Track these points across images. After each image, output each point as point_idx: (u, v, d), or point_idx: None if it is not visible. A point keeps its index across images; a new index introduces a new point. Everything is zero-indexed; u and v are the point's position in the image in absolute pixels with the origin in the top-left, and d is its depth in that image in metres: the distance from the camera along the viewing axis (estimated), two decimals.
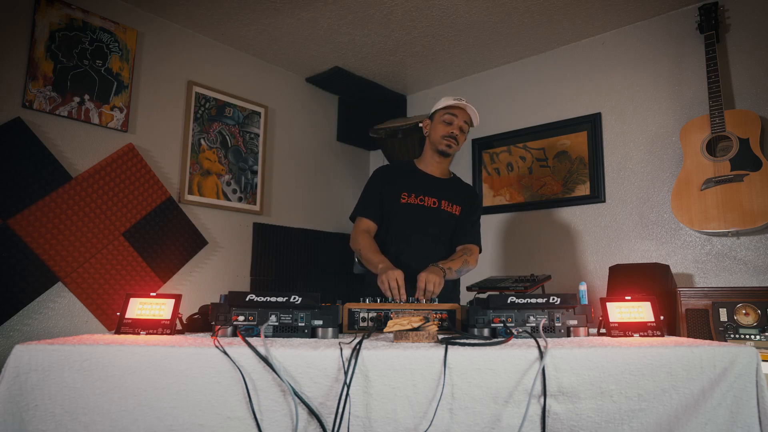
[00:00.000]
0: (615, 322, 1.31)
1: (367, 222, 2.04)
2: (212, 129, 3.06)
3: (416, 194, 2.05)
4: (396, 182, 2.08)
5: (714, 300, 2.06)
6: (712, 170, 2.36)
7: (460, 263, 1.94)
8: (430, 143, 2.11)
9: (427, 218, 2.04)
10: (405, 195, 2.05)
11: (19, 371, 0.98)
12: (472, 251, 2.04)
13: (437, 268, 1.78)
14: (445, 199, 2.08)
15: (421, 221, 2.03)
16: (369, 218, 2.04)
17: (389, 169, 2.15)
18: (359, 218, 2.06)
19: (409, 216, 2.03)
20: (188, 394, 0.99)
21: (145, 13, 2.81)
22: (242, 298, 1.24)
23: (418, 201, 2.05)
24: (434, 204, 2.06)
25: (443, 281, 1.74)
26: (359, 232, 2.01)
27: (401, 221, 2.03)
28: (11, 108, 2.31)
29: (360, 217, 2.06)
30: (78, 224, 2.42)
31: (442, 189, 2.10)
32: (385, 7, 2.76)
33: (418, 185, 2.08)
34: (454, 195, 2.12)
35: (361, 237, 1.99)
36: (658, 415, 1.02)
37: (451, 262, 1.91)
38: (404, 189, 2.06)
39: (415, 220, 2.03)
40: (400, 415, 0.99)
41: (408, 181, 2.08)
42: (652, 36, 2.83)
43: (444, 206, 2.07)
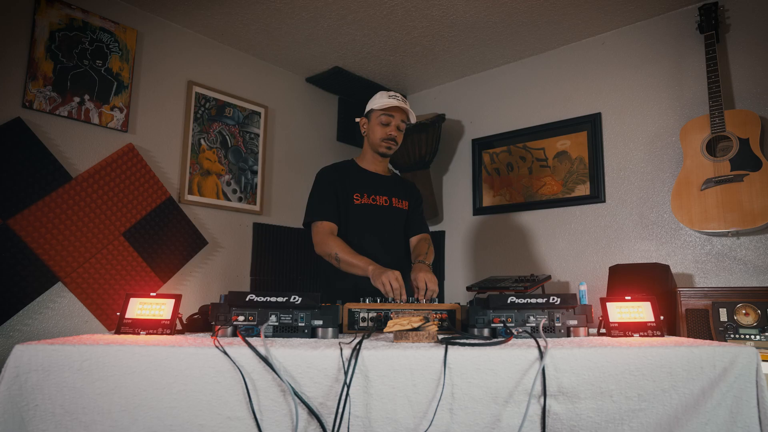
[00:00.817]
0: (615, 322, 1.31)
1: (330, 224, 1.95)
2: (212, 129, 3.06)
3: (368, 194, 2.03)
4: (345, 183, 2.03)
5: (714, 300, 2.06)
6: (712, 170, 2.36)
7: (432, 255, 2.02)
8: (369, 144, 2.08)
9: (382, 217, 2.04)
10: (357, 195, 2.01)
11: (19, 371, 0.98)
12: (429, 240, 2.12)
13: (428, 266, 1.84)
14: (395, 197, 2.09)
15: (376, 220, 2.03)
16: (330, 220, 1.95)
17: (335, 170, 2.08)
18: (319, 222, 1.96)
19: (364, 216, 2.01)
20: (188, 394, 0.99)
21: (145, 13, 2.81)
22: (242, 298, 1.24)
23: (370, 201, 2.03)
24: (386, 202, 2.06)
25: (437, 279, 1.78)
26: (326, 235, 1.92)
27: (357, 222, 1.99)
28: (11, 108, 2.31)
29: (319, 220, 1.96)
30: (78, 224, 2.42)
31: (390, 187, 2.10)
32: (385, 7, 2.76)
33: (368, 185, 2.05)
34: (401, 191, 2.14)
35: (332, 240, 1.90)
36: (658, 415, 1.02)
37: (428, 256, 1.98)
38: (356, 189, 2.02)
39: (370, 220, 2.01)
40: (400, 415, 0.99)
41: (357, 182, 2.04)
42: (652, 36, 2.83)
43: (395, 203, 2.08)
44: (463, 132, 3.62)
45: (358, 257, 1.84)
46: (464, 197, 3.56)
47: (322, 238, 1.93)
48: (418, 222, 2.16)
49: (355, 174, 2.08)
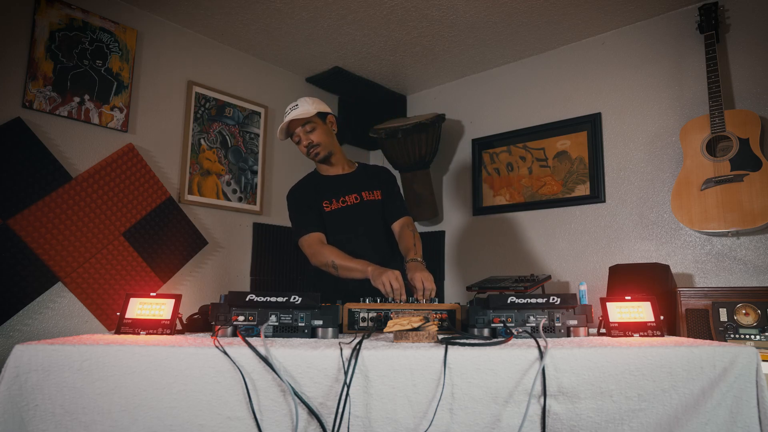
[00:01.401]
0: (615, 322, 1.31)
1: (316, 234, 1.94)
2: (212, 129, 3.06)
3: (336, 198, 2.01)
4: (312, 196, 2.02)
5: (714, 300, 2.06)
6: (712, 170, 2.36)
7: (420, 245, 1.94)
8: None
9: (356, 216, 2.01)
10: (326, 203, 1.99)
11: (19, 371, 0.98)
12: (412, 224, 2.05)
13: (422, 264, 1.80)
14: (364, 190, 2.04)
15: (352, 221, 2.00)
16: (317, 230, 1.94)
17: (301, 187, 2.08)
18: (306, 236, 1.94)
19: (339, 221, 1.99)
20: (188, 394, 0.99)
21: (145, 13, 2.81)
22: (242, 298, 1.24)
23: (341, 204, 2.01)
24: (356, 199, 2.03)
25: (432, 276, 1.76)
26: (319, 246, 1.91)
27: (334, 229, 1.98)
28: (11, 108, 2.31)
29: (308, 233, 1.94)
30: (78, 224, 2.42)
31: (356, 182, 2.06)
32: (385, 7, 2.76)
33: (333, 189, 2.03)
34: (369, 182, 2.08)
35: (326, 250, 1.88)
36: (658, 415, 1.02)
37: (417, 249, 1.90)
38: (323, 198, 2.00)
39: (345, 223, 1.99)
40: (400, 415, 0.99)
41: (323, 190, 2.03)
42: (652, 36, 2.83)
43: (366, 197, 2.04)
44: (463, 132, 3.62)
45: (354, 261, 1.82)
46: (464, 197, 3.56)
47: (315, 249, 1.91)
48: (396, 206, 2.07)
49: (319, 183, 2.06)
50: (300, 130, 1.96)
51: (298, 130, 1.96)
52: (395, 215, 2.06)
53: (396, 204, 2.09)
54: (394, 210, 2.07)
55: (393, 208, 2.07)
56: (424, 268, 1.78)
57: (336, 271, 1.85)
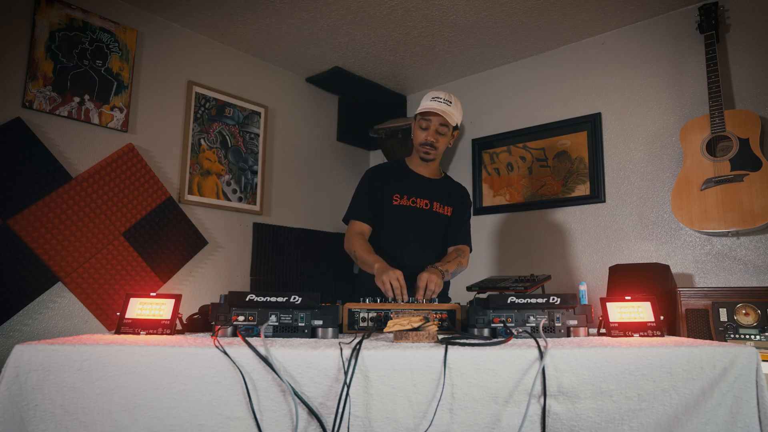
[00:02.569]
0: (615, 322, 1.31)
1: (361, 225, 2.00)
2: (212, 129, 3.06)
3: (408, 195, 2.02)
4: (387, 183, 2.04)
5: (714, 300, 2.06)
6: (712, 170, 2.36)
7: (455, 265, 1.94)
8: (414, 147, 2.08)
9: (420, 220, 2.02)
10: (397, 196, 2.02)
11: (19, 371, 0.98)
12: (464, 252, 2.04)
13: (436, 269, 1.79)
14: (437, 201, 2.06)
15: (414, 223, 2.01)
16: (362, 221, 2.01)
17: (380, 170, 2.12)
18: (352, 221, 2.03)
19: (402, 218, 2.01)
20: (188, 394, 0.99)
21: (145, 13, 2.81)
22: (242, 298, 1.24)
23: (410, 203, 2.02)
24: (426, 205, 2.04)
25: (443, 282, 1.75)
26: (353, 234, 1.98)
27: (393, 223, 2.01)
28: (11, 108, 2.31)
29: (353, 219, 2.03)
30: (78, 224, 2.42)
31: (433, 190, 2.07)
32: (385, 7, 2.76)
33: (410, 186, 2.05)
34: (446, 196, 2.10)
35: (355, 239, 1.95)
36: (658, 415, 1.02)
37: (448, 264, 1.91)
38: (396, 190, 2.02)
39: (407, 222, 2.01)
40: (400, 415, 0.99)
41: (399, 182, 2.05)
42: (652, 36, 2.83)
43: (436, 207, 2.05)
44: (463, 132, 3.62)
45: (370, 255, 1.85)
46: None
47: (350, 236, 1.99)
48: (460, 232, 2.09)
49: (400, 174, 2.09)
50: (435, 123, 1.95)
51: (434, 121, 1.95)
52: (457, 239, 2.07)
53: (461, 230, 2.11)
54: (457, 234, 2.08)
55: (457, 232, 2.08)
56: (436, 272, 1.76)
57: (356, 261, 1.93)
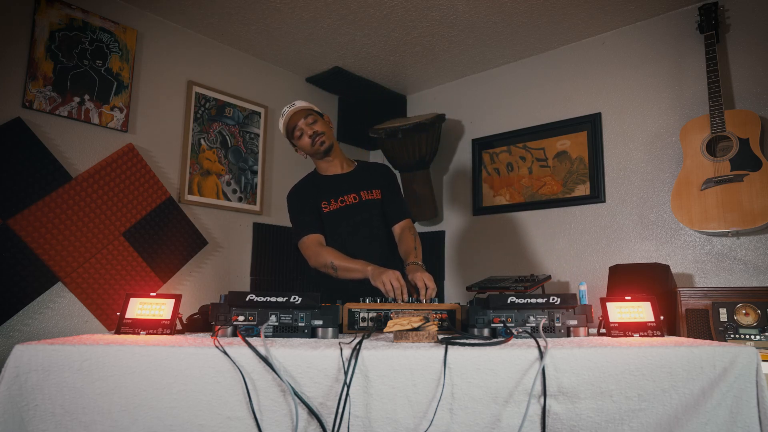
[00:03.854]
0: (615, 322, 1.31)
1: (314, 236, 1.93)
2: (212, 129, 3.06)
3: (335, 198, 2.00)
4: (311, 197, 2.01)
5: (714, 300, 2.06)
6: (712, 170, 2.36)
7: (420, 248, 1.93)
8: (312, 158, 2.07)
9: (355, 216, 1.99)
10: (325, 204, 1.99)
11: (19, 371, 0.98)
12: (412, 227, 2.02)
13: (419, 265, 1.80)
14: (363, 189, 2.03)
15: (351, 221, 1.99)
16: (314, 232, 1.94)
17: (300, 188, 2.08)
18: (305, 237, 1.94)
19: (338, 221, 1.98)
20: (188, 394, 0.99)
21: (145, 13, 2.81)
22: (242, 298, 1.24)
23: (339, 204, 1.99)
24: (355, 199, 2.01)
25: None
26: (315, 247, 1.91)
27: (333, 229, 1.98)
28: (11, 108, 2.31)
29: (305, 236, 1.94)
30: (78, 224, 2.42)
31: (354, 181, 2.04)
32: (385, 7, 2.76)
33: (332, 189, 2.02)
34: (368, 181, 2.06)
35: (322, 250, 1.89)
36: (658, 415, 1.02)
37: (417, 253, 1.89)
38: (322, 198, 2.00)
39: (344, 223, 1.98)
40: (400, 415, 0.99)
41: (321, 191, 2.02)
42: (652, 36, 2.83)
43: (365, 196, 2.02)
44: (463, 132, 3.62)
45: (353, 261, 1.82)
46: (464, 197, 3.56)
47: (313, 251, 1.91)
48: (396, 208, 2.04)
49: (318, 183, 2.05)
50: (302, 123, 1.96)
51: (300, 123, 1.96)
52: (396, 217, 2.03)
53: (396, 205, 2.06)
54: (394, 211, 2.04)
55: (393, 209, 2.05)
56: (424, 269, 1.78)
57: (335, 273, 1.85)
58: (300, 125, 1.97)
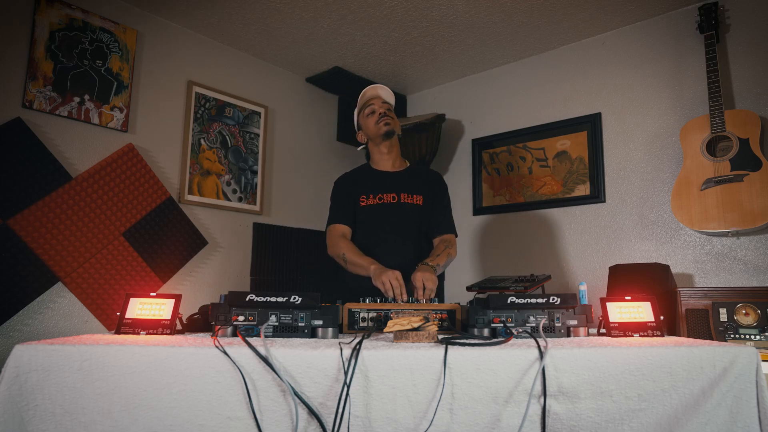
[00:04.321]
0: (615, 322, 1.31)
1: (341, 227, 2.01)
2: (212, 129, 3.06)
3: (374, 194, 2.03)
4: (354, 187, 2.06)
5: (714, 300, 2.06)
6: (712, 170, 2.36)
7: (444, 257, 1.93)
8: (372, 139, 2.10)
9: (390, 215, 2.02)
10: (363, 198, 2.03)
11: (19, 371, 0.98)
12: (451, 242, 2.03)
13: (428, 266, 1.80)
14: (404, 192, 2.04)
15: (385, 219, 2.01)
16: (341, 223, 2.01)
17: (346, 177, 2.14)
18: (331, 226, 2.03)
19: (372, 217, 2.01)
20: (188, 394, 0.99)
21: (145, 13, 2.81)
22: (242, 298, 1.24)
23: (377, 200, 2.03)
24: (394, 199, 2.03)
25: (436, 278, 1.76)
26: (336, 238, 1.98)
27: (366, 223, 2.02)
28: (11, 108, 2.31)
29: (333, 224, 2.03)
30: (78, 224, 2.42)
31: (398, 182, 2.07)
32: (385, 7, 2.76)
33: (374, 185, 2.06)
34: (413, 185, 2.07)
35: (341, 242, 1.95)
36: (658, 415, 1.02)
37: (438, 258, 1.90)
38: (362, 192, 2.04)
39: (378, 219, 2.01)
40: (400, 415, 0.99)
41: (364, 184, 2.06)
42: (652, 36, 2.83)
43: (404, 199, 2.03)
44: (463, 132, 3.62)
45: (362, 257, 1.85)
46: (464, 197, 3.56)
47: (333, 241, 1.99)
48: (441, 220, 2.06)
49: (365, 176, 2.10)
50: (378, 101, 2.07)
51: (377, 101, 2.07)
52: (439, 230, 2.05)
53: (441, 217, 2.07)
54: (438, 223, 2.05)
55: (438, 221, 2.06)
56: (429, 270, 1.77)
57: (345, 265, 1.92)
58: (376, 102, 2.07)
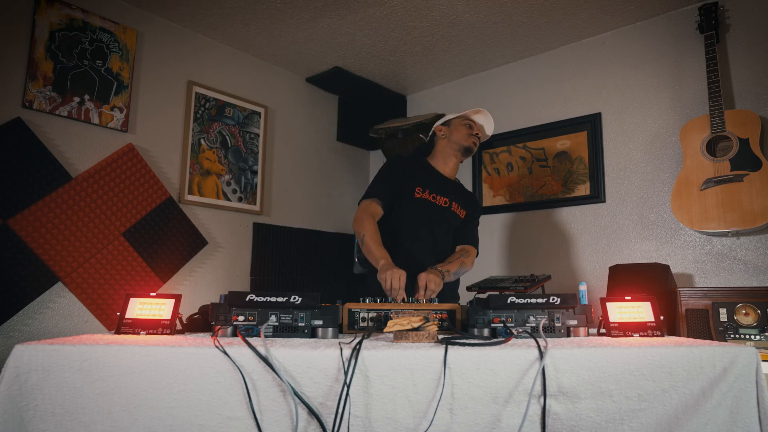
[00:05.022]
0: (615, 322, 1.31)
1: (375, 206, 1.98)
2: (212, 129, 3.06)
3: (429, 191, 2.06)
4: (412, 174, 2.07)
5: (714, 300, 2.06)
6: (712, 170, 2.36)
7: (457, 265, 1.96)
8: (451, 143, 2.13)
9: (438, 216, 2.06)
10: (419, 189, 2.05)
11: (19, 371, 0.98)
12: (469, 253, 2.08)
13: (436, 270, 1.82)
14: (455, 201, 2.11)
15: (433, 218, 2.05)
16: (379, 202, 1.99)
17: (406, 160, 2.14)
18: (368, 200, 1.99)
19: (422, 211, 2.03)
20: (188, 394, 0.99)
21: (145, 13, 2.81)
22: (242, 298, 1.24)
23: (430, 198, 2.05)
24: (445, 203, 2.08)
25: (442, 283, 1.76)
26: (366, 215, 1.94)
27: (414, 215, 2.03)
28: (11, 108, 2.31)
29: (369, 199, 1.99)
30: (78, 224, 2.42)
31: (452, 190, 2.13)
32: (385, 7, 2.76)
33: (432, 182, 2.09)
34: (462, 198, 2.16)
35: (367, 222, 1.91)
36: (658, 415, 1.02)
37: (449, 265, 1.93)
38: (419, 183, 2.05)
39: (425, 217, 2.04)
40: (400, 415, 0.99)
41: (423, 176, 2.09)
42: (652, 36, 2.83)
43: (454, 207, 2.10)
44: None
45: (377, 247, 1.83)
46: None
47: (361, 215, 1.96)
48: (469, 234, 2.16)
49: (423, 169, 2.12)
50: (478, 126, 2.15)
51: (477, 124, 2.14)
52: (465, 239, 2.13)
53: (471, 231, 2.17)
54: (467, 234, 2.15)
55: (466, 234, 2.15)
56: (436, 272, 1.78)
57: (361, 245, 1.91)
58: (476, 124, 2.13)
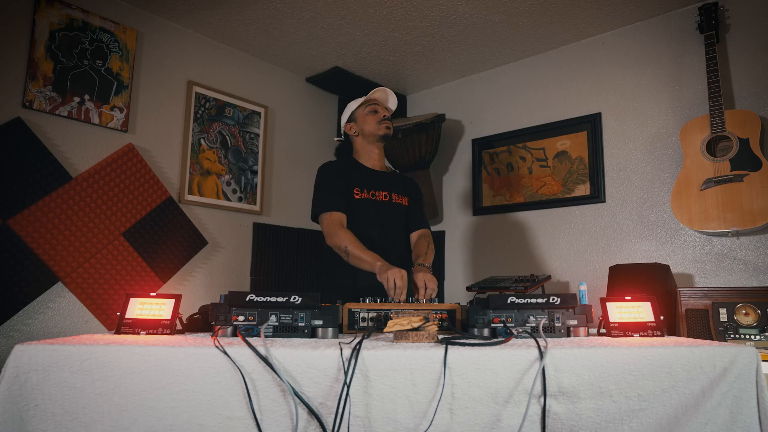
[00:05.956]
0: (615, 322, 1.31)
1: (339, 215, 1.93)
2: (212, 129, 3.06)
3: (367, 189, 2.03)
4: (346, 177, 2.02)
5: (714, 300, 2.06)
6: (712, 170, 2.36)
7: (431, 254, 2.01)
8: (366, 137, 2.07)
9: (383, 212, 2.03)
10: (357, 191, 2.01)
11: (19, 371, 0.98)
12: (429, 236, 2.11)
13: (425, 267, 1.86)
14: (394, 192, 2.08)
15: (379, 216, 2.02)
16: (339, 210, 1.93)
17: (337, 165, 2.08)
18: (329, 213, 1.93)
19: (365, 212, 2.00)
20: (188, 394, 0.99)
21: (145, 13, 2.81)
22: (242, 298, 1.24)
23: (370, 196, 2.02)
24: (385, 197, 2.05)
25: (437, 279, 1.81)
26: (337, 227, 1.90)
27: (361, 217, 1.99)
28: (11, 108, 2.31)
29: (329, 211, 1.93)
30: (78, 224, 2.42)
31: (388, 182, 2.09)
32: (385, 7, 2.76)
33: (366, 180, 2.05)
34: (400, 186, 2.13)
35: (343, 233, 1.87)
36: (658, 415, 1.02)
37: (426, 258, 1.97)
38: (356, 184, 2.01)
39: (370, 216, 2.00)
40: (400, 415, 0.99)
41: (356, 177, 2.04)
42: (652, 36, 2.83)
43: (395, 199, 2.07)
44: (463, 132, 3.62)
45: (367, 252, 1.83)
46: (464, 197, 3.56)
47: (333, 230, 1.90)
48: (418, 217, 2.14)
49: (355, 169, 2.07)
50: (382, 106, 2.10)
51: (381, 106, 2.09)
52: (416, 225, 2.13)
53: (418, 215, 2.15)
54: (416, 219, 2.14)
55: (415, 218, 2.14)
56: (429, 271, 1.83)
57: (347, 257, 1.86)
58: (380, 104, 2.09)
